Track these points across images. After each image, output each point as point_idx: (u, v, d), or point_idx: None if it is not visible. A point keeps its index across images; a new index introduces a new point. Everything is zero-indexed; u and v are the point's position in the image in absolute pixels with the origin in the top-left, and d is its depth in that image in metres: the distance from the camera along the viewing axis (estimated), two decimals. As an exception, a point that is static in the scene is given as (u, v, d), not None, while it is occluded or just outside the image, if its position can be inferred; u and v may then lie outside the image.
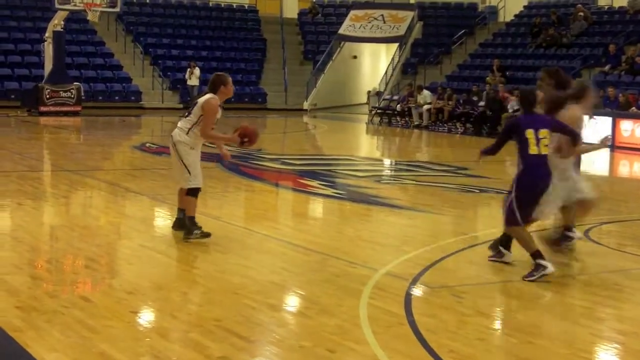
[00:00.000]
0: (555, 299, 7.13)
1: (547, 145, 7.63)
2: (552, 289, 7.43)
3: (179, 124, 8.79)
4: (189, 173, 8.68)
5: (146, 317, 6.36)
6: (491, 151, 7.93)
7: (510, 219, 7.71)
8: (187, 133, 8.68)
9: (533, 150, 7.53)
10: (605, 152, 14.83)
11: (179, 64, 34.05)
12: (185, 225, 8.83)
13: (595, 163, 14.50)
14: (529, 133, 7.54)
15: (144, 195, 11.98)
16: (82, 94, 28.28)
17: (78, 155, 17.35)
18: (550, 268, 7.47)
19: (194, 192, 8.78)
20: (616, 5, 32.35)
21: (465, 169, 15.04)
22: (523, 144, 7.57)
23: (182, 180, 8.81)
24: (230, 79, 8.81)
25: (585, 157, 8.84)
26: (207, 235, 8.69)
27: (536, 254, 7.54)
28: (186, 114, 8.79)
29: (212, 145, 9.61)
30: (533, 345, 5.81)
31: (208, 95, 8.65)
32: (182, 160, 8.67)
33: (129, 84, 32.40)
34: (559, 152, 7.98)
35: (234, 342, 5.67)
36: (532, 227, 8.27)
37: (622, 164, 19.17)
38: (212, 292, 6.99)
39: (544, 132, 7.58)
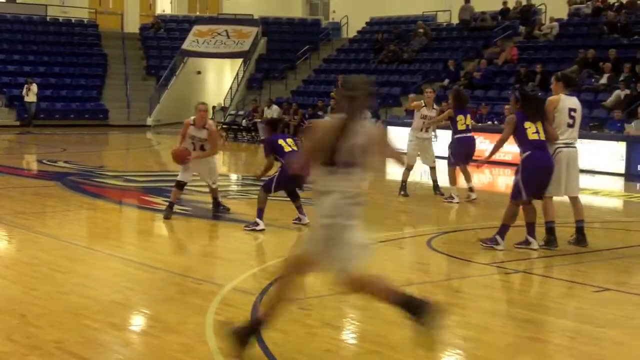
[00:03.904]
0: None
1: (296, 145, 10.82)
2: (396, 298, 7.55)
3: None
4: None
5: (-20, 343, 6.02)
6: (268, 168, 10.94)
7: (266, 187, 10.73)
8: None
9: (287, 149, 10.59)
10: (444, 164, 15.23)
11: (16, 79, 32.85)
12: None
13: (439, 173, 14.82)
14: (281, 141, 10.76)
15: (-23, 216, 11.42)
16: None
17: None
18: (262, 226, 10.38)
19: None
20: (454, 21, 33.55)
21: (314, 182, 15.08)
22: (279, 148, 10.68)
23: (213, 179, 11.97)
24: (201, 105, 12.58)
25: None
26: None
27: (260, 213, 10.48)
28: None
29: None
30: (379, 355, 5.87)
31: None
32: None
33: (-38, 102, 30.98)
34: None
35: (74, 365, 5.45)
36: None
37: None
38: (52, 314, 6.70)
39: (290, 141, 10.89)
